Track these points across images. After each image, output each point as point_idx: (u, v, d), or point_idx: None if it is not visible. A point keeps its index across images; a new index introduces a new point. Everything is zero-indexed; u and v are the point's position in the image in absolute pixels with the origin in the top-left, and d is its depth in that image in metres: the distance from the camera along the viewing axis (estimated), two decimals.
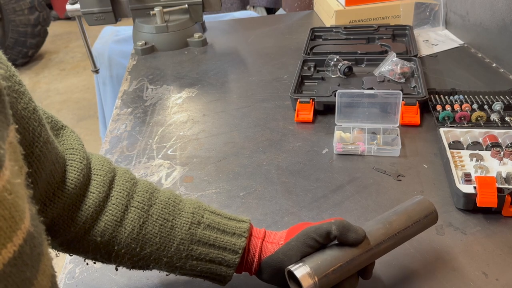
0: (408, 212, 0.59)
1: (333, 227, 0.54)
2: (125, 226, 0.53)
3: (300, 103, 1.04)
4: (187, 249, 0.55)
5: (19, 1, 3.72)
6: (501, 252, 0.67)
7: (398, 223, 0.57)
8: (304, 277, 0.52)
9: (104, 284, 0.66)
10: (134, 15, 1.51)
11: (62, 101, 3.44)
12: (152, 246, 0.54)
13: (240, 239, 0.56)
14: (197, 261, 0.55)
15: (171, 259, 0.55)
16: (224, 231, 0.57)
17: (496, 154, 0.82)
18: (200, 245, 0.55)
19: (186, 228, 0.55)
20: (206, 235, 0.55)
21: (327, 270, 0.52)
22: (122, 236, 0.53)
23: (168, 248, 0.54)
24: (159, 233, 0.54)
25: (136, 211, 0.54)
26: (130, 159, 0.95)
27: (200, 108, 1.14)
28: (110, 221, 0.52)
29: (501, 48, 1.19)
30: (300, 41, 1.44)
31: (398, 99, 0.93)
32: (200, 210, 0.57)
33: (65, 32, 4.81)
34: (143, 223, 0.53)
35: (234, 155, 0.94)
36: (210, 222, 0.56)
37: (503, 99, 1.00)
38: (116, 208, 0.53)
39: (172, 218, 0.55)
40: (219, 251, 0.56)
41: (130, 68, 1.40)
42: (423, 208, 0.60)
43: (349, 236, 0.54)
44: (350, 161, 0.89)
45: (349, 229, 0.54)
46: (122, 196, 0.54)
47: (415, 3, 1.48)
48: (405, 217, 0.58)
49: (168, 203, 0.56)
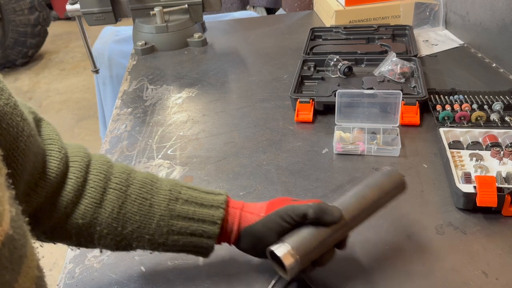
0: (380, 185, 0.61)
1: (310, 211, 0.56)
2: (105, 207, 0.55)
3: (300, 103, 1.04)
4: (167, 225, 0.57)
5: (19, 1, 3.72)
6: (501, 252, 0.67)
7: (371, 196, 0.60)
8: (286, 256, 0.54)
9: (104, 284, 0.67)
10: (134, 15, 1.51)
11: (62, 101, 3.44)
12: (133, 224, 0.56)
13: (218, 211, 0.59)
14: (179, 235, 0.58)
15: (153, 236, 0.57)
16: (202, 204, 0.59)
17: (496, 154, 0.82)
18: (180, 219, 0.57)
19: (165, 205, 0.57)
20: (184, 209, 0.58)
21: (307, 248, 0.55)
22: (103, 216, 0.55)
23: (149, 225, 0.56)
24: (139, 212, 0.56)
25: (115, 192, 0.55)
26: (130, 159, 0.95)
27: (200, 108, 1.14)
28: (90, 203, 0.54)
29: (501, 48, 1.19)
30: (300, 41, 1.44)
31: (398, 99, 0.93)
32: (177, 186, 0.59)
33: (65, 32, 4.80)
34: (122, 203, 0.55)
35: (234, 155, 0.94)
36: (188, 197, 0.59)
37: (503, 99, 1.00)
38: (94, 190, 0.55)
39: (151, 197, 0.57)
40: (198, 223, 0.58)
41: (130, 68, 1.40)
42: (392, 179, 0.62)
43: (325, 219, 0.57)
44: (350, 161, 0.89)
45: (325, 212, 0.57)
46: (100, 178, 0.55)
47: (415, 3, 1.48)
48: (377, 189, 0.61)
49: (145, 182, 0.58)
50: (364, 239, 0.70)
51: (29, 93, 3.60)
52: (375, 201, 0.60)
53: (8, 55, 3.87)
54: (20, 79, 3.83)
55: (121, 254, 0.71)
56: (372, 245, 0.69)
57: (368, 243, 0.70)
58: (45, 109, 3.35)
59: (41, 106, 3.39)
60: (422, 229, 0.72)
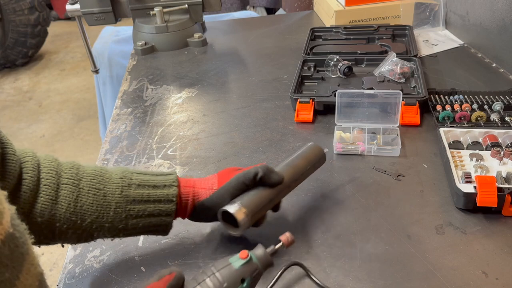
0: (306, 156, 0.73)
1: (259, 170, 0.64)
2: (61, 203, 0.56)
3: (300, 103, 1.04)
4: (125, 210, 0.60)
5: (19, 1, 3.72)
6: (501, 252, 0.67)
7: (300, 166, 0.71)
8: (237, 211, 0.62)
9: (104, 284, 0.66)
10: (134, 15, 1.51)
11: (62, 101, 3.44)
12: (91, 215, 0.58)
13: (172, 189, 0.63)
14: (137, 218, 0.60)
15: (112, 223, 0.59)
16: (155, 186, 0.62)
17: (496, 154, 0.82)
18: (136, 203, 0.60)
19: (119, 192, 0.59)
20: (139, 193, 0.61)
21: (255, 206, 0.64)
22: (61, 212, 0.56)
23: (106, 214, 0.58)
24: (95, 203, 0.58)
25: (68, 187, 0.57)
26: (130, 159, 0.95)
27: (200, 108, 1.14)
28: (45, 201, 0.55)
29: (501, 48, 1.19)
30: (300, 41, 1.44)
31: (398, 99, 0.93)
32: (128, 173, 0.62)
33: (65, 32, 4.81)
34: (76, 196, 0.57)
35: (234, 155, 0.94)
36: (140, 182, 0.62)
37: (503, 99, 1.00)
38: (48, 188, 0.56)
39: (103, 187, 0.59)
40: (155, 204, 0.61)
41: (130, 68, 1.40)
42: (316, 152, 0.75)
43: (272, 177, 0.65)
44: (350, 161, 0.89)
45: (272, 171, 0.66)
46: (52, 176, 0.57)
47: (415, 3, 1.48)
48: (305, 160, 0.72)
49: (95, 174, 0.60)
50: (364, 239, 0.70)
51: (29, 93, 3.60)
52: (303, 170, 0.71)
53: (8, 55, 3.87)
54: (20, 79, 3.83)
55: (121, 254, 0.71)
56: (372, 245, 0.69)
57: (368, 243, 0.70)
58: (45, 109, 3.35)
59: (41, 106, 3.39)
60: (422, 229, 0.72)
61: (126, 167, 0.64)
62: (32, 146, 2.87)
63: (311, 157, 0.73)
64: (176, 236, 0.73)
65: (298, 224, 0.74)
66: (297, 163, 0.71)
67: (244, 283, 0.51)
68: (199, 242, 0.72)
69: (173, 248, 0.71)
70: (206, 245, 0.71)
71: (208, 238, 0.73)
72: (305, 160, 0.72)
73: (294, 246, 0.70)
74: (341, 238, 0.71)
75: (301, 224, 0.74)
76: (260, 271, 0.54)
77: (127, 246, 0.72)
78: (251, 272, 0.53)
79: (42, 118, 3.21)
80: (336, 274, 0.65)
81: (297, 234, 0.72)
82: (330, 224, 0.74)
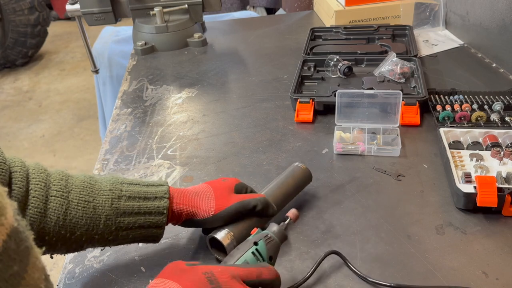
0: (293, 178, 0.76)
1: (258, 204, 0.66)
2: (50, 216, 0.55)
3: (300, 103, 1.04)
4: (115, 223, 0.59)
5: (19, 1, 3.72)
6: (501, 252, 0.67)
7: (288, 187, 0.74)
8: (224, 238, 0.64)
9: (104, 284, 0.66)
10: (134, 15, 1.51)
11: (62, 101, 3.44)
12: (81, 228, 0.57)
13: (163, 201, 0.62)
14: (127, 230, 0.60)
15: (102, 235, 0.58)
16: (146, 197, 0.61)
17: (496, 154, 0.82)
18: (126, 215, 0.60)
19: (109, 205, 0.58)
20: (129, 206, 0.60)
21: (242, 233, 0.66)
22: (50, 225, 0.55)
23: (96, 226, 0.58)
24: (84, 215, 0.57)
25: (56, 200, 0.56)
26: (130, 159, 0.95)
27: (200, 108, 1.14)
28: (34, 213, 0.54)
29: (501, 48, 1.19)
30: (300, 41, 1.44)
31: (398, 99, 0.93)
32: (118, 184, 0.61)
33: (65, 32, 4.81)
34: (66, 209, 0.56)
35: (234, 155, 0.94)
36: (130, 194, 0.61)
37: (503, 99, 1.00)
38: (37, 200, 0.54)
39: (93, 199, 0.58)
40: (145, 216, 0.61)
41: (130, 68, 1.40)
42: (301, 173, 0.77)
43: (269, 211, 0.68)
44: (350, 161, 0.89)
45: (269, 205, 0.68)
46: (40, 187, 0.55)
47: (415, 3, 1.48)
48: (292, 181, 0.75)
49: (84, 186, 0.58)
50: (364, 239, 0.70)
51: (29, 93, 3.60)
52: (292, 191, 0.75)
53: (8, 55, 3.87)
54: (20, 79, 3.83)
55: (121, 254, 0.71)
56: (372, 245, 0.69)
57: (368, 243, 0.70)
58: (45, 109, 3.35)
59: (41, 106, 3.39)
60: (422, 229, 0.72)
61: (116, 176, 0.63)
62: (32, 146, 2.87)
63: (297, 178, 0.76)
64: (176, 236, 0.73)
65: (298, 224, 0.74)
66: (285, 185, 0.74)
67: (257, 245, 0.58)
68: (199, 242, 0.72)
69: (173, 248, 0.71)
70: (206, 245, 0.71)
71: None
72: (292, 181, 0.75)
73: (295, 246, 0.70)
74: (341, 238, 0.71)
75: (301, 224, 0.74)
76: (275, 240, 0.60)
77: (127, 246, 0.72)
78: (261, 237, 0.59)
79: (42, 118, 3.21)
80: (336, 274, 0.65)
81: (297, 234, 0.72)
82: (330, 224, 0.74)
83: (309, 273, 0.64)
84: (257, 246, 0.58)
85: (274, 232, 0.60)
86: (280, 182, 0.75)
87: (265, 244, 0.58)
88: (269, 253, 0.58)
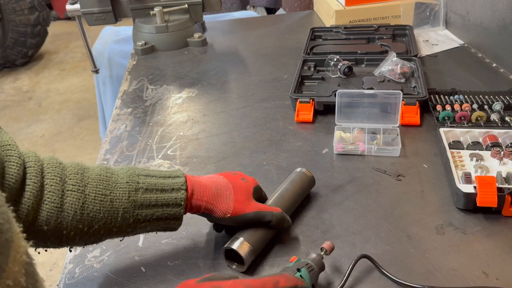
0: (298, 184, 0.77)
1: (274, 220, 0.67)
2: (67, 210, 0.54)
3: (300, 103, 1.04)
4: (132, 215, 0.59)
5: (19, 1, 3.72)
6: (501, 252, 0.67)
7: (293, 195, 0.75)
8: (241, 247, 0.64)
9: (104, 284, 0.66)
10: (134, 15, 1.51)
11: (62, 101, 3.44)
12: (99, 222, 0.56)
13: (180, 192, 0.62)
14: (145, 222, 0.60)
15: (120, 228, 0.58)
16: (163, 189, 0.61)
17: (496, 154, 0.82)
18: (144, 208, 0.59)
19: (126, 197, 0.58)
20: (147, 198, 0.59)
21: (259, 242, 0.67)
22: (67, 220, 0.54)
23: (114, 219, 0.57)
24: (102, 209, 0.56)
25: (73, 194, 0.55)
26: (130, 159, 0.95)
27: (200, 108, 1.14)
28: (51, 208, 0.53)
29: (501, 48, 1.19)
30: (300, 41, 1.44)
31: (398, 99, 0.93)
32: (134, 177, 0.60)
33: (65, 32, 4.81)
34: (83, 203, 0.55)
35: (234, 155, 0.94)
36: (148, 186, 0.60)
37: (503, 99, 1.00)
38: (53, 195, 0.54)
39: (110, 192, 0.57)
40: (163, 208, 0.60)
41: (130, 68, 1.40)
42: (305, 178, 0.78)
43: (283, 226, 0.68)
44: (350, 161, 0.89)
45: (284, 220, 0.68)
46: (56, 182, 0.55)
47: (415, 3, 1.48)
48: (298, 189, 0.76)
49: (101, 179, 0.58)
50: (365, 239, 0.70)
51: (29, 93, 3.60)
52: (297, 198, 0.76)
53: (8, 55, 3.87)
54: (20, 79, 3.83)
55: (121, 254, 0.71)
56: (372, 245, 0.69)
57: (368, 243, 0.70)
58: (45, 109, 3.35)
59: (41, 106, 3.39)
60: (422, 229, 0.72)
61: (133, 168, 0.62)
62: (32, 146, 2.87)
63: (302, 185, 0.77)
64: (176, 236, 0.73)
65: (298, 224, 0.74)
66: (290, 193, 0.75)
67: (301, 271, 0.58)
68: (199, 242, 0.72)
69: (173, 248, 0.71)
70: (206, 245, 0.71)
71: (208, 238, 0.73)
72: (298, 189, 0.76)
73: (295, 246, 0.70)
74: (341, 238, 0.71)
75: (301, 224, 0.74)
76: (314, 269, 0.60)
77: (127, 246, 0.72)
78: (303, 264, 0.59)
79: (42, 118, 3.21)
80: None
81: (297, 234, 0.72)
82: (330, 224, 0.74)
83: (344, 280, 0.63)
84: (301, 273, 0.58)
85: (313, 261, 0.60)
86: (287, 190, 0.75)
87: (307, 272, 0.58)
88: (312, 281, 0.58)
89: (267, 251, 0.69)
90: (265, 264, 0.68)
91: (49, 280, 1.91)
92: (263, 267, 0.67)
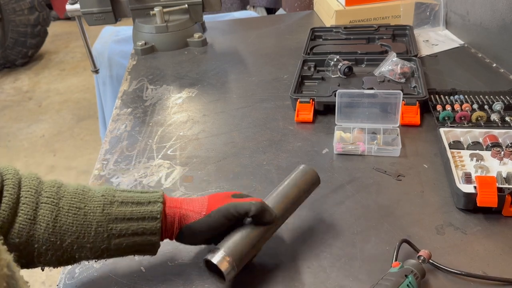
0: (298, 184, 0.68)
1: (252, 208, 0.60)
2: (39, 222, 0.54)
3: (300, 103, 1.04)
4: (106, 230, 0.57)
5: (19, 1, 3.73)
6: (501, 252, 0.67)
7: (292, 195, 0.67)
8: (222, 262, 0.58)
9: (104, 284, 0.66)
10: (134, 15, 1.51)
11: (62, 101, 3.44)
12: (72, 235, 0.55)
13: (156, 205, 0.60)
14: (120, 238, 0.58)
15: (94, 243, 0.57)
16: (139, 202, 0.59)
17: (496, 154, 0.82)
18: (118, 222, 0.57)
19: (100, 211, 0.57)
20: (121, 211, 0.58)
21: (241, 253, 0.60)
22: (39, 232, 0.54)
23: (87, 234, 0.56)
24: (75, 222, 0.55)
25: (47, 206, 0.55)
26: (130, 159, 0.95)
27: (200, 108, 1.14)
28: (23, 220, 0.53)
29: (501, 48, 1.19)
30: (300, 41, 1.44)
31: (398, 99, 0.93)
32: (110, 191, 0.59)
33: (65, 32, 4.81)
34: (56, 216, 0.55)
35: (234, 155, 0.94)
36: (123, 199, 0.59)
37: (503, 99, 1.00)
38: (27, 207, 0.54)
39: (84, 205, 0.57)
40: (138, 222, 0.58)
41: (130, 68, 1.40)
42: (308, 177, 0.70)
43: (265, 217, 0.62)
44: (350, 161, 0.89)
45: (265, 210, 0.62)
46: (31, 194, 0.55)
47: (415, 3, 1.48)
48: (297, 188, 0.68)
49: (76, 193, 0.57)
50: (365, 239, 0.70)
51: (29, 93, 3.60)
52: (296, 199, 0.67)
53: (8, 55, 3.87)
54: (20, 79, 3.83)
55: None
56: (373, 245, 0.69)
57: (368, 243, 0.70)
58: (45, 109, 3.35)
59: (41, 106, 3.39)
60: (423, 229, 0.71)
61: (111, 186, 0.61)
62: (32, 146, 2.87)
63: (303, 184, 0.69)
64: None
65: (298, 224, 0.74)
66: (290, 193, 0.67)
67: (408, 277, 0.57)
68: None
69: (173, 248, 0.71)
70: (206, 246, 0.71)
71: None
72: (297, 189, 0.68)
73: (295, 247, 0.70)
74: (341, 238, 0.71)
75: (301, 224, 0.74)
76: (419, 277, 0.59)
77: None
78: (409, 271, 0.58)
79: (42, 118, 3.21)
80: (336, 274, 0.65)
81: (297, 234, 0.72)
82: (330, 224, 0.74)
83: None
84: (409, 280, 0.57)
85: (415, 267, 0.60)
86: (284, 190, 0.68)
87: (414, 279, 0.58)
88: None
89: (268, 251, 0.69)
90: (267, 264, 0.67)
91: (49, 280, 1.91)
92: (263, 267, 0.67)
